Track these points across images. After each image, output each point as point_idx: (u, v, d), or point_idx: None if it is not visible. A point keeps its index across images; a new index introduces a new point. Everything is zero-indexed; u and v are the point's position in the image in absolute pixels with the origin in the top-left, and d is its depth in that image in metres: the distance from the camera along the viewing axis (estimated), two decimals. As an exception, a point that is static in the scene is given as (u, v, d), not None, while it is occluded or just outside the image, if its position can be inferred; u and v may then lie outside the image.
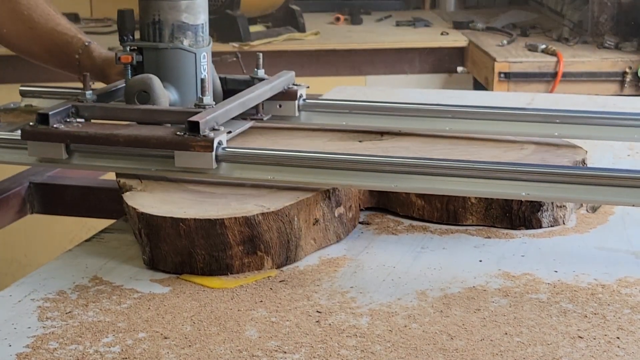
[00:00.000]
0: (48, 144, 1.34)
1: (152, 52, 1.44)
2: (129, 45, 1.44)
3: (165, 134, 1.30)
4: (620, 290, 1.17)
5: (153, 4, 1.43)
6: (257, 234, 1.22)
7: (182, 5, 1.42)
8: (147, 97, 1.39)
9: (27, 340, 1.06)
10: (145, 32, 1.44)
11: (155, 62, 1.44)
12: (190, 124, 1.28)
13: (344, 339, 1.05)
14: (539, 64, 3.08)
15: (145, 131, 1.32)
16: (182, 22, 1.42)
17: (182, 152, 1.28)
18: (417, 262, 1.26)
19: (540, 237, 1.34)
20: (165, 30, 1.43)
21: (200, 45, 1.45)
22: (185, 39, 1.43)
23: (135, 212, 1.25)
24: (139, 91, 1.40)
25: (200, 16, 1.44)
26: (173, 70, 1.44)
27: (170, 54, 1.43)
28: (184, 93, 1.44)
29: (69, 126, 1.35)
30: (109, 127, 1.35)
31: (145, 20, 1.44)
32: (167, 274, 1.23)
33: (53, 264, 1.27)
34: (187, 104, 1.43)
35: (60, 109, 1.37)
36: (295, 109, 1.55)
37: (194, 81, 1.44)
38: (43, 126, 1.34)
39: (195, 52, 1.44)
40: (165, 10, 1.42)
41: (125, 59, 1.43)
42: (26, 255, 3.00)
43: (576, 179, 1.21)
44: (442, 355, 1.01)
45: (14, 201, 1.49)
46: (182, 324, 1.09)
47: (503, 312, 1.11)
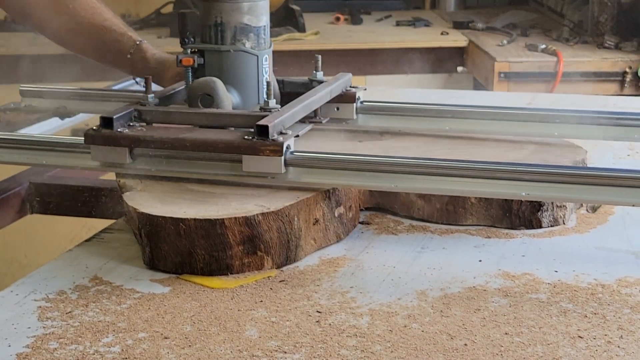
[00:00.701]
0: (112, 148, 1.31)
1: (214, 54, 1.41)
2: (189, 48, 1.42)
3: (233, 138, 1.28)
4: (620, 290, 1.17)
5: (215, 5, 1.40)
6: (257, 234, 1.22)
7: (244, 7, 1.40)
8: (210, 101, 1.37)
9: (27, 340, 1.06)
10: (206, 35, 1.42)
11: (217, 64, 1.41)
12: (259, 127, 1.26)
13: (344, 339, 1.05)
14: (539, 64, 3.08)
15: (211, 135, 1.30)
16: (245, 24, 1.40)
17: (251, 157, 1.26)
18: (417, 262, 1.26)
19: (540, 237, 1.34)
20: (227, 33, 1.40)
21: (262, 48, 1.42)
22: (248, 41, 1.40)
23: (135, 212, 1.25)
24: (203, 94, 1.37)
25: (263, 18, 1.42)
26: (235, 73, 1.41)
27: (232, 57, 1.41)
28: (246, 96, 1.42)
29: (132, 130, 1.33)
30: (174, 131, 1.33)
31: (207, 22, 1.41)
32: (167, 274, 1.23)
33: (53, 264, 1.27)
34: (249, 107, 1.41)
35: (123, 113, 1.34)
36: (353, 111, 1.53)
37: (256, 84, 1.42)
38: (107, 130, 1.31)
39: (257, 55, 1.41)
40: (228, 12, 1.40)
41: (187, 62, 1.40)
42: (26, 255, 3.00)
43: (576, 179, 1.21)
44: (442, 355, 1.01)
45: (14, 201, 1.49)
46: (182, 324, 1.09)
47: (503, 312, 1.11)
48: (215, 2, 1.40)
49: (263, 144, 1.25)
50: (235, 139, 1.27)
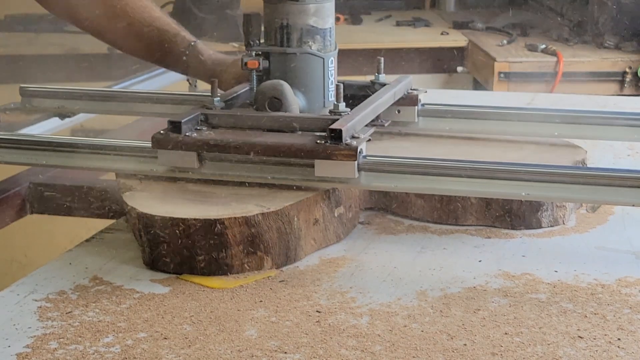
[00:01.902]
0: (179, 153, 1.29)
1: (279, 57, 1.39)
2: (254, 50, 1.40)
3: (305, 142, 1.25)
4: (620, 290, 1.17)
5: (281, 7, 1.38)
6: (257, 234, 1.22)
7: (311, 9, 1.38)
8: (278, 104, 1.35)
9: (27, 340, 1.06)
10: (272, 37, 1.40)
11: (282, 67, 1.39)
12: (333, 131, 1.24)
13: (344, 339, 1.05)
14: (539, 64, 3.08)
15: (283, 139, 1.28)
16: (311, 26, 1.38)
17: (323, 161, 1.24)
18: (417, 262, 1.26)
19: (540, 237, 1.34)
20: (293, 35, 1.38)
21: (328, 50, 1.40)
22: (314, 43, 1.38)
23: (135, 212, 1.25)
24: (271, 98, 1.35)
25: (329, 20, 1.40)
26: (301, 76, 1.39)
27: (298, 59, 1.39)
28: (311, 99, 1.40)
29: (200, 134, 1.31)
30: (243, 135, 1.30)
31: (273, 24, 1.39)
32: (167, 274, 1.23)
33: (53, 264, 1.27)
34: (315, 110, 1.40)
35: (191, 116, 1.32)
36: (415, 114, 1.51)
37: (322, 86, 1.40)
38: (175, 134, 1.30)
39: (323, 57, 1.39)
40: (294, 14, 1.38)
41: (252, 65, 1.38)
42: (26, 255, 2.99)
43: (576, 179, 1.21)
44: (442, 355, 1.01)
45: (14, 201, 1.49)
46: (182, 324, 1.09)
47: (503, 312, 1.11)
48: (282, 4, 1.38)
49: (337, 148, 1.23)
50: (308, 143, 1.25)
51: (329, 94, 1.40)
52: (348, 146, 1.23)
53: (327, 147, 1.24)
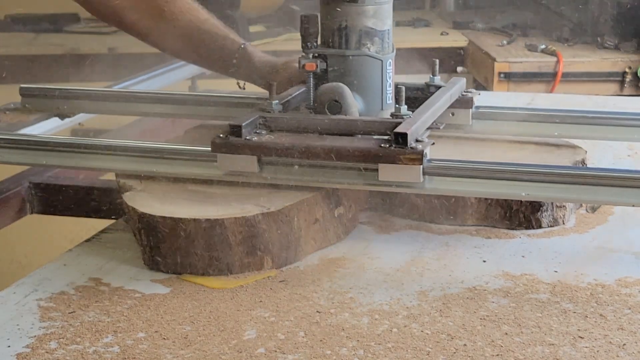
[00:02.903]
0: (240, 157, 1.27)
1: (338, 59, 1.37)
2: (312, 52, 1.37)
3: (370, 146, 1.23)
4: (620, 290, 1.17)
5: (340, 9, 1.35)
6: (257, 234, 1.22)
7: (370, 11, 1.35)
8: (338, 107, 1.33)
9: (27, 340, 1.06)
10: (329, 39, 1.37)
11: (340, 69, 1.37)
12: (398, 135, 1.21)
13: (344, 339, 1.05)
14: (539, 64, 3.07)
15: (346, 143, 1.25)
16: (370, 28, 1.36)
17: (388, 165, 1.21)
18: (417, 262, 1.26)
19: (540, 237, 1.34)
20: (352, 37, 1.36)
21: (387, 52, 1.38)
22: (372, 45, 1.36)
23: (135, 212, 1.25)
24: (331, 100, 1.33)
25: (387, 21, 1.38)
26: (359, 78, 1.37)
27: (356, 61, 1.37)
28: (369, 101, 1.38)
29: (260, 138, 1.28)
30: (304, 139, 1.28)
31: (331, 26, 1.37)
32: (167, 274, 1.23)
33: (53, 264, 1.27)
34: (372, 112, 1.37)
35: (251, 120, 1.29)
36: (469, 117, 1.49)
37: (380, 89, 1.38)
38: (235, 138, 1.27)
39: (381, 59, 1.37)
40: (353, 16, 1.35)
41: (310, 67, 1.36)
42: (26, 256, 2.99)
43: (576, 179, 1.21)
44: (442, 355, 1.01)
45: (14, 201, 1.49)
46: (182, 324, 1.09)
47: (503, 312, 1.11)
48: (341, 5, 1.35)
49: (402, 152, 1.20)
50: (372, 147, 1.23)
51: (386, 97, 1.38)
52: (413, 150, 1.21)
53: (393, 151, 1.21)
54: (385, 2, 1.37)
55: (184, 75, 1.98)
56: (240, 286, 1.19)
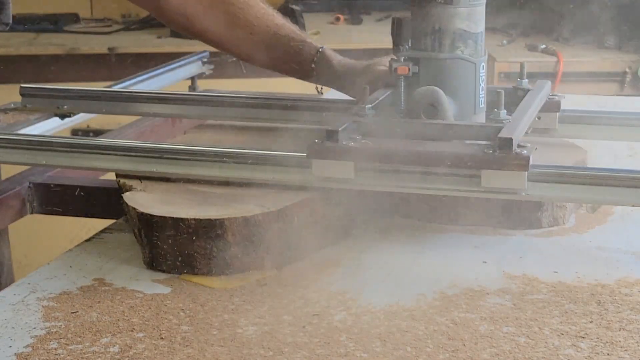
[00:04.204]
0: (336, 163, 1.24)
1: (430, 62, 1.34)
2: (403, 55, 1.34)
3: (473, 152, 1.20)
4: (620, 290, 1.16)
5: (434, 11, 1.33)
6: (257, 234, 1.22)
7: (464, 13, 1.33)
8: (434, 111, 1.30)
9: (28, 340, 1.06)
10: (421, 41, 1.34)
11: (432, 73, 1.34)
12: (502, 140, 1.18)
13: (345, 339, 1.05)
14: (539, 64, 3.08)
15: (448, 148, 1.22)
16: (463, 31, 1.33)
17: (492, 172, 1.18)
18: (417, 262, 1.26)
19: (540, 237, 1.34)
20: (445, 39, 1.33)
21: (480, 55, 1.36)
22: (466, 48, 1.34)
23: (135, 212, 1.25)
24: (427, 105, 1.31)
25: (480, 24, 1.35)
26: (452, 82, 1.34)
27: (449, 65, 1.33)
28: (462, 105, 1.34)
29: (357, 143, 1.25)
30: (402, 144, 1.25)
31: (423, 28, 1.34)
32: (167, 274, 1.23)
33: (53, 264, 1.27)
34: (465, 117, 1.34)
35: (346, 125, 1.26)
36: (556, 121, 1.47)
37: (473, 93, 1.35)
38: (332, 144, 1.24)
39: (475, 62, 1.34)
40: (447, 18, 1.32)
41: (403, 71, 1.33)
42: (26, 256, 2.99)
43: (576, 179, 1.21)
44: (442, 355, 1.01)
45: (14, 201, 1.49)
46: (182, 324, 1.09)
47: (503, 312, 1.11)
48: (434, 7, 1.32)
49: (507, 157, 1.17)
50: (476, 152, 1.19)
51: (479, 100, 1.35)
52: (519, 155, 1.17)
53: (497, 156, 1.18)
54: (479, 4, 1.35)
55: (184, 75, 1.97)
56: (240, 286, 1.19)
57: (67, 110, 1.66)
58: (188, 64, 1.97)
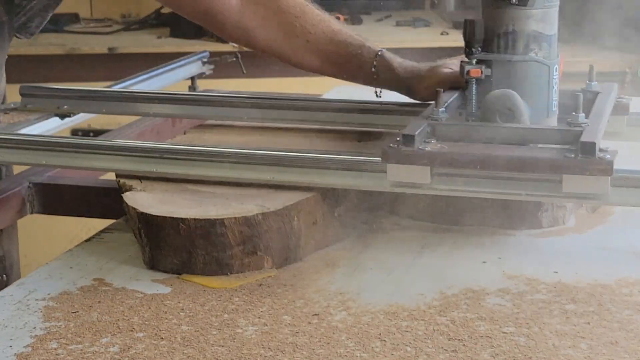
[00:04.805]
0: (412, 167, 1.21)
1: (503, 65, 1.32)
2: (475, 58, 1.33)
3: (555, 157, 1.18)
4: (620, 290, 1.16)
5: (508, 13, 1.31)
6: (257, 234, 1.22)
7: (538, 14, 1.31)
8: (510, 115, 1.28)
9: (28, 340, 1.06)
10: (494, 44, 1.33)
11: (506, 75, 1.32)
12: (585, 145, 1.16)
13: (344, 339, 1.05)
14: (539, 64, 3.07)
15: (527, 153, 1.20)
16: (538, 33, 1.32)
17: (574, 177, 1.16)
18: (417, 262, 1.26)
19: (540, 237, 1.34)
20: (519, 42, 1.31)
21: (553, 57, 1.34)
22: (540, 50, 1.32)
23: (135, 212, 1.25)
24: (502, 108, 1.29)
25: (554, 25, 1.34)
26: (526, 85, 1.32)
27: (523, 67, 1.32)
28: (536, 109, 1.32)
29: (433, 147, 1.23)
30: (479, 149, 1.23)
31: (496, 30, 1.32)
32: (167, 274, 1.23)
33: (53, 264, 1.27)
34: (538, 120, 1.32)
35: (421, 129, 1.24)
36: (624, 124, 1.45)
37: (547, 96, 1.33)
38: (407, 148, 1.21)
39: (549, 65, 1.33)
40: (522, 20, 1.31)
41: (475, 73, 1.31)
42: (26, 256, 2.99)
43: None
44: (442, 355, 1.01)
45: (14, 201, 1.49)
46: (182, 324, 1.09)
47: (503, 312, 1.11)
48: (508, 9, 1.31)
49: (590, 162, 1.15)
50: (557, 157, 1.17)
51: (552, 104, 1.34)
52: (602, 160, 1.15)
53: (580, 161, 1.15)
54: (553, 5, 1.33)
55: (183, 75, 1.98)
56: (240, 286, 1.19)
57: (67, 110, 1.66)
58: (188, 64, 1.97)
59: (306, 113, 1.59)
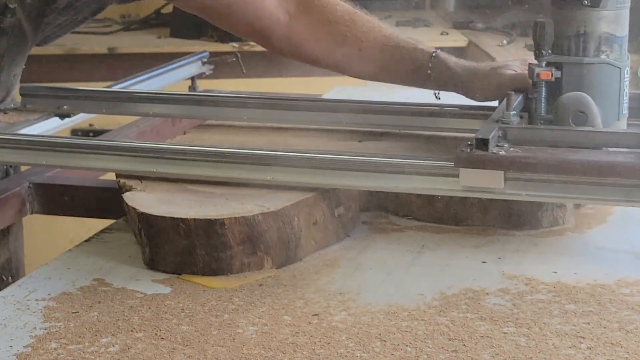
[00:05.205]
0: (485, 172, 1.20)
1: (574, 67, 1.30)
2: (544, 60, 1.31)
3: (635, 161, 1.17)
4: (620, 290, 1.17)
5: (579, 14, 1.29)
6: (257, 234, 1.22)
7: (610, 16, 1.30)
8: (584, 118, 1.28)
9: (28, 340, 1.06)
10: (564, 45, 1.31)
11: (577, 78, 1.30)
12: None
13: (344, 339, 1.05)
14: (538, 64, 3.07)
15: (604, 158, 1.19)
16: (610, 34, 1.30)
17: None
18: (417, 262, 1.26)
19: (540, 237, 1.34)
20: (590, 43, 1.30)
21: (624, 59, 1.32)
22: (611, 52, 1.30)
23: (135, 212, 1.25)
24: (575, 111, 1.28)
25: (625, 27, 1.31)
26: (597, 87, 1.30)
27: (594, 70, 1.30)
28: (607, 112, 1.31)
29: (507, 152, 1.22)
30: (555, 153, 1.21)
31: (566, 32, 1.31)
32: (167, 274, 1.23)
33: (53, 264, 1.27)
34: (610, 123, 1.31)
35: (494, 132, 1.23)
36: None
37: (618, 99, 1.31)
38: (481, 152, 1.20)
39: (620, 67, 1.31)
40: (593, 21, 1.29)
41: (546, 76, 1.30)
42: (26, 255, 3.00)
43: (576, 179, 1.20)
44: (442, 355, 1.01)
45: (14, 201, 1.49)
46: (182, 324, 1.09)
47: (503, 312, 1.11)
48: (579, 10, 1.30)
49: None
50: (637, 162, 1.16)
51: (623, 107, 1.32)
52: None
53: None
54: (625, 7, 1.31)
55: (183, 75, 1.97)
56: (240, 286, 1.19)
57: (67, 110, 1.66)
58: (188, 64, 1.97)
59: (306, 113, 1.59)
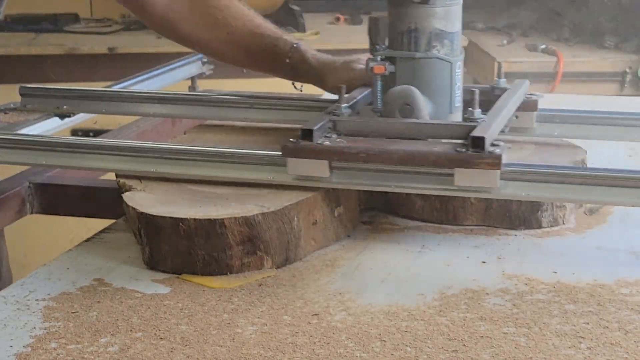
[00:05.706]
0: (311, 162, 1.25)
1: (406, 62, 1.35)
2: (380, 55, 1.36)
3: (446, 151, 1.21)
4: (620, 290, 1.17)
5: (409, 11, 1.34)
6: (257, 234, 1.22)
7: (440, 12, 1.34)
8: (410, 110, 1.32)
9: (27, 340, 1.06)
10: (398, 41, 1.36)
11: (409, 72, 1.35)
12: (475, 139, 1.19)
13: (344, 339, 1.05)
14: (539, 64, 3.08)
15: (421, 147, 1.24)
16: (440, 30, 1.34)
17: (464, 170, 1.19)
18: (417, 262, 1.26)
19: (539, 237, 1.34)
20: (421, 39, 1.34)
21: (456, 54, 1.36)
22: (442, 47, 1.34)
23: (135, 212, 1.25)
24: (402, 104, 1.32)
25: (457, 23, 1.36)
26: (428, 81, 1.35)
27: (426, 64, 1.35)
28: (438, 105, 1.35)
29: (332, 142, 1.27)
30: (377, 143, 1.26)
31: (399, 28, 1.36)
32: (167, 274, 1.23)
33: (53, 264, 1.27)
34: (441, 116, 1.36)
35: (321, 124, 1.28)
36: (533, 120, 1.47)
37: (449, 92, 1.36)
38: (307, 142, 1.25)
39: (451, 62, 1.35)
40: (423, 18, 1.34)
41: (379, 70, 1.34)
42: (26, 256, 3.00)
43: (576, 179, 1.21)
44: (442, 355, 1.01)
45: (13, 201, 1.49)
46: (181, 324, 1.09)
47: (503, 312, 1.11)
48: (410, 7, 1.34)
49: (479, 156, 1.18)
50: (449, 151, 1.21)
51: (455, 100, 1.36)
52: (491, 154, 1.19)
53: (470, 155, 1.19)
54: (455, 3, 1.35)
55: (183, 75, 1.97)
56: (240, 286, 1.19)
57: (67, 110, 1.66)
58: (188, 64, 1.97)
59: (306, 113, 1.59)
